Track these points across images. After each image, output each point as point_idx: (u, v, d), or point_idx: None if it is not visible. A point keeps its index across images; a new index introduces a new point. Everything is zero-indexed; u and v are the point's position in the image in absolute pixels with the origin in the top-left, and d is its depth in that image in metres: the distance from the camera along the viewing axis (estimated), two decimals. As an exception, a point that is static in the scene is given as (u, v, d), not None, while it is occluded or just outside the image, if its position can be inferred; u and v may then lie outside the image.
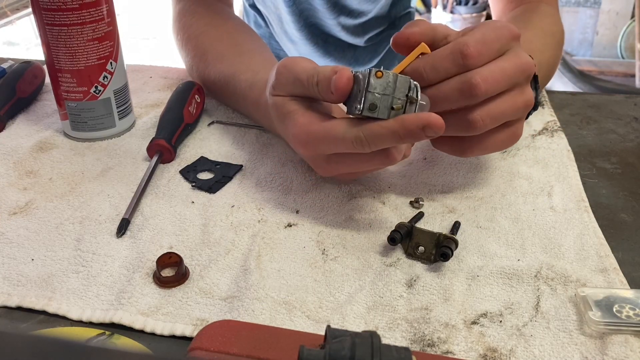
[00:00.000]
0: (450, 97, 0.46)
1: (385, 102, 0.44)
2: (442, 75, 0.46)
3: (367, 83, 0.43)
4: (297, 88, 0.48)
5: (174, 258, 0.45)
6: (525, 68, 0.47)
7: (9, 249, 0.48)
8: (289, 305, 0.42)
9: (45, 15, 0.58)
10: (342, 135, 0.44)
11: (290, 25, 0.99)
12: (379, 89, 0.43)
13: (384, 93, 0.44)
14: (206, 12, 0.75)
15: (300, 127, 0.47)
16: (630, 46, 3.32)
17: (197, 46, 0.72)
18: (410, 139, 0.43)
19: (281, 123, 0.50)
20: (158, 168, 0.59)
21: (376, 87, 0.43)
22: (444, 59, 0.46)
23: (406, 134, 0.42)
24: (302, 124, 0.47)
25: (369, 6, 0.97)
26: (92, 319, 0.41)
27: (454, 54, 0.45)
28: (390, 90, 0.44)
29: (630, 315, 0.40)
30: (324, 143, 0.46)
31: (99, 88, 0.62)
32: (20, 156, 0.61)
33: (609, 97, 0.76)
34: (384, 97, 0.44)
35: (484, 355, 0.38)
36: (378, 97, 0.44)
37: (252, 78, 0.62)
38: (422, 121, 0.42)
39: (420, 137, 0.42)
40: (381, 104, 0.44)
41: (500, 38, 0.47)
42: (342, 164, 0.48)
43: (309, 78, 0.46)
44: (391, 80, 0.43)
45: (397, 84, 0.44)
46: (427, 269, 0.46)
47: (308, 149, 0.48)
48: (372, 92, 0.43)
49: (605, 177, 0.58)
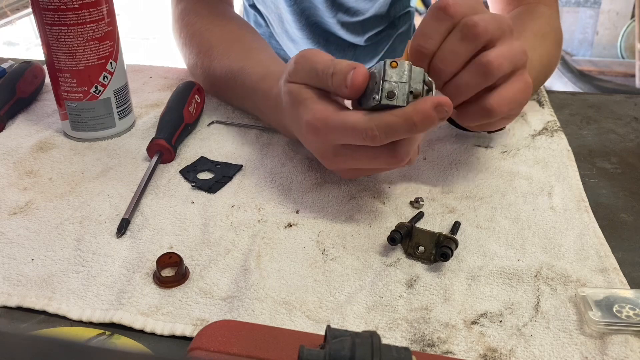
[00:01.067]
0: (471, 82, 0.47)
1: (402, 89, 0.44)
2: (436, 38, 0.47)
3: (383, 72, 0.44)
4: (312, 78, 0.48)
5: (174, 258, 0.45)
6: (522, 51, 0.49)
7: (9, 249, 0.48)
8: (289, 305, 0.42)
9: (45, 15, 0.58)
10: (355, 125, 0.45)
11: (291, 24, 0.99)
12: (395, 77, 0.44)
13: (401, 81, 0.44)
14: (208, 11, 0.75)
15: (314, 114, 0.47)
16: (630, 46, 3.32)
17: (201, 43, 0.72)
18: (423, 123, 0.43)
19: (294, 110, 0.50)
20: (158, 168, 0.59)
21: (392, 76, 0.44)
22: (428, 23, 0.47)
23: (420, 118, 0.43)
24: (317, 110, 0.47)
25: (366, 5, 0.97)
26: (92, 319, 0.41)
27: (433, 14, 0.47)
28: (406, 78, 0.44)
29: (630, 315, 0.40)
30: (336, 132, 0.46)
31: (99, 88, 0.62)
32: (20, 156, 0.61)
33: (609, 97, 0.76)
34: (400, 85, 0.44)
35: (484, 355, 0.38)
36: (395, 85, 0.44)
37: (264, 71, 0.62)
38: (433, 101, 0.43)
39: (433, 119, 0.43)
40: (399, 92, 0.44)
41: (501, 24, 0.48)
42: (350, 158, 0.48)
43: (325, 69, 0.47)
44: (406, 68, 0.44)
45: (413, 73, 0.44)
46: (427, 269, 0.46)
47: (319, 136, 0.48)
48: (389, 80, 0.44)
49: (605, 177, 0.58)
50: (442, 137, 0.64)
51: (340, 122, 0.46)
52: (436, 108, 0.43)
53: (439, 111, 0.43)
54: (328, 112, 0.47)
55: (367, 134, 0.44)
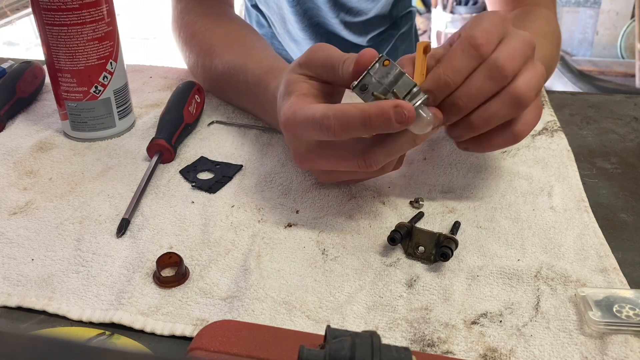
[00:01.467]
0: (484, 88, 0.46)
1: (376, 88, 0.44)
2: (464, 74, 0.46)
3: (372, 65, 0.44)
4: (324, 67, 0.48)
5: (174, 258, 0.45)
6: (528, 41, 0.48)
7: (9, 249, 0.48)
8: (289, 305, 0.42)
9: (45, 15, 0.58)
10: (314, 114, 0.44)
11: (294, 25, 0.99)
12: (378, 74, 0.44)
13: (379, 81, 0.44)
14: (209, 11, 0.75)
15: (289, 106, 0.47)
16: (630, 46, 3.32)
17: (202, 41, 0.72)
18: (378, 119, 0.42)
19: (282, 101, 0.49)
20: (158, 168, 0.59)
21: (377, 73, 0.44)
22: (460, 58, 0.46)
23: (376, 112, 0.42)
24: (292, 102, 0.47)
25: (368, 5, 0.97)
26: (92, 319, 0.41)
27: (465, 50, 0.46)
28: (387, 81, 0.44)
29: (630, 315, 0.40)
30: (301, 124, 0.45)
31: (99, 88, 0.62)
32: (20, 156, 0.61)
33: (609, 97, 0.76)
34: (377, 84, 0.44)
35: (484, 355, 0.38)
36: (373, 82, 0.44)
37: (268, 65, 0.62)
38: (394, 101, 0.42)
39: (389, 118, 0.42)
40: (371, 89, 0.44)
41: (496, 24, 0.47)
42: (320, 157, 0.48)
43: (340, 57, 0.47)
44: (393, 73, 0.44)
45: (399, 81, 0.44)
46: (427, 269, 0.46)
47: (288, 130, 0.47)
48: (372, 74, 0.44)
49: (605, 177, 0.58)
50: (442, 137, 0.64)
51: (303, 113, 0.45)
52: (395, 108, 0.42)
53: (397, 112, 0.42)
54: (301, 104, 0.46)
55: (323, 122, 0.43)
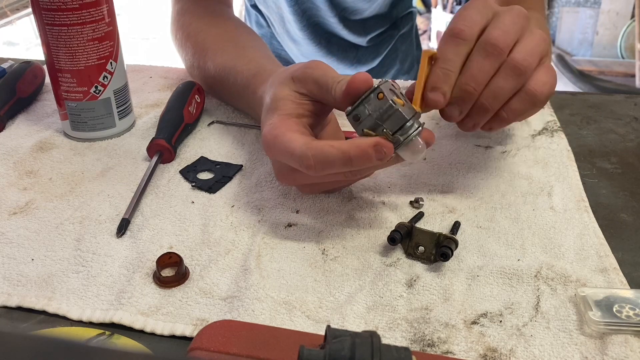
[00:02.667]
0: (505, 86, 0.48)
1: (367, 123, 0.43)
2: (487, 79, 0.48)
3: (366, 95, 0.43)
4: (317, 84, 0.48)
5: (174, 258, 0.45)
6: (544, 38, 0.50)
7: (9, 249, 0.48)
8: (289, 305, 0.42)
9: (45, 15, 0.58)
10: (293, 150, 0.44)
11: (293, 24, 0.99)
12: (372, 107, 0.43)
13: (371, 114, 0.43)
14: (205, 11, 0.75)
15: (271, 127, 0.47)
16: (630, 46, 3.32)
17: (197, 43, 0.72)
18: (359, 159, 0.43)
19: (265, 116, 0.50)
20: (158, 168, 0.59)
21: (370, 104, 0.43)
22: (481, 65, 0.48)
23: (356, 153, 0.42)
24: (275, 125, 0.47)
25: (364, 4, 0.97)
26: (92, 319, 0.41)
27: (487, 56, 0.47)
28: (378, 115, 0.43)
29: (630, 315, 0.40)
30: (279, 152, 0.46)
31: (99, 88, 0.62)
32: (20, 156, 0.61)
33: (609, 97, 0.76)
34: (369, 118, 0.43)
35: (484, 355, 0.38)
36: (366, 114, 0.43)
37: (256, 68, 0.62)
38: (373, 140, 0.42)
39: (369, 157, 0.42)
40: (364, 120, 0.43)
41: (515, 22, 0.49)
42: (300, 175, 0.48)
43: (335, 77, 0.47)
44: (385, 109, 0.43)
45: (391, 116, 0.43)
46: (427, 269, 0.46)
47: (267, 151, 0.48)
48: (365, 106, 0.43)
49: (605, 177, 0.58)
50: (442, 137, 0.64)
51: (283, 143, 0.45)
52: (375, 147, 0.42)
53: (377, 150, 0.42)
54: (282, 129, 0.46)
55: (302, 162, 0.44)
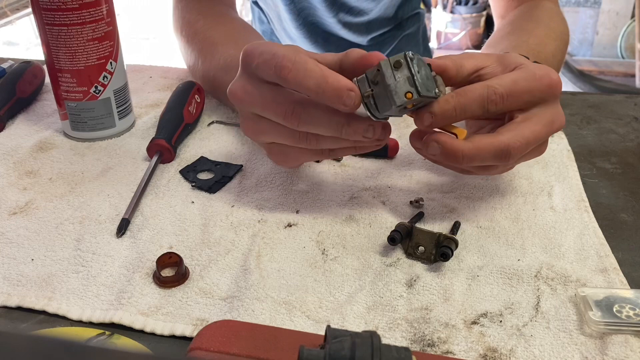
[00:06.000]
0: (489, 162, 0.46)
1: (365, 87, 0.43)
2: (468, 117, 0.46)
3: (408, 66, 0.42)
4: None
5: (174, 258, 0.45)
6: (560, 122, 0.48)
7: (9, 249, 0.48)
8: (289, 305, 0.42)
9: (45, 15, 0.58)
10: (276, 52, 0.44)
11: (289, 23, 0.99)
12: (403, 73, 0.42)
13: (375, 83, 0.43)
14: (210, 11, 0.75)
15: (251, 44, 0.47)
16: (630, 46, 3.32)
17: (205, 39, 0.71)
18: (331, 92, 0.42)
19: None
20: (158, 168, 0.59)
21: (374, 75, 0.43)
22: (486, 158, 0.45)
23: (333, 83, 0.42)
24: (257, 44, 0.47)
25: (369, 4, 0.97)
26: (92, 319, 0.41)
27: (496, 157, 0.45)
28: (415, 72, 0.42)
29: (630, 315, 0.40)
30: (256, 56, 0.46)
31: (99, 88, 0.62)
32: (20, 156, 0.61)
33: (609, 97, 0.76)
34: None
35: (484, 355, 0.38)
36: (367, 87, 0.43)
37: None
38: (352, 84, 0.43)
39: (340, 95, 0.42)
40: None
41: (533, 91, 0.46)
42: (267, 125, 0.48)
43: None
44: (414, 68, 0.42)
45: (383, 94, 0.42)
46: (427, 269, 0.46)
47: (243, 62, 0.48)
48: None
49: (605, 177, 0.58)
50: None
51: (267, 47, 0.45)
52: (349, 90, 0.42)
53: (348, 96, 0.42)
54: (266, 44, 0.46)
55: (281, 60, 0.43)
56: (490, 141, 0.45)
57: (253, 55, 0.46)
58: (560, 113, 0.49)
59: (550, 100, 0.47)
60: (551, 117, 0.47)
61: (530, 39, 0.64)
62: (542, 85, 0.46)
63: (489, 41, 0.70)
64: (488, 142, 0.45)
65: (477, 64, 0.48)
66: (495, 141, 0.45)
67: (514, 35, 0.67)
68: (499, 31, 0.71)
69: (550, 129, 0.47)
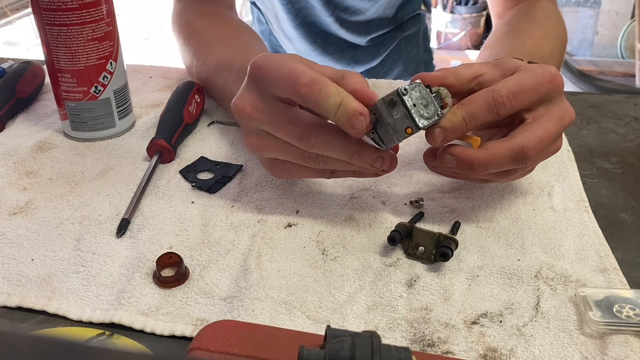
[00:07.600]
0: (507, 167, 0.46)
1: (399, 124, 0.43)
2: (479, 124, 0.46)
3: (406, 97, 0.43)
4: None
5: (174, 258, 0.45)
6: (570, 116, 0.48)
7: (9, 249, 0.48)
8: (289, 305, 0.42)
9: (45, 15, 0.58)
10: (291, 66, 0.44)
11: (287, 23, 0.99)
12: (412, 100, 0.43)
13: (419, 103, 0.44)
14: (208, 11, 0.75)
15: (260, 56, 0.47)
16: (630, 46, 3.33)
17: (200, 40, 0.71)
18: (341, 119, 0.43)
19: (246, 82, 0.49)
20: (158, 168, 0.59)
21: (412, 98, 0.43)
22: (503, 163, 0.46)
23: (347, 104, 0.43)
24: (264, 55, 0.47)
25: (365, 4, 0.97)
26: (92, 319, 0.41)
27: (513, 160, 0.45)
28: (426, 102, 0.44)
29: (630, 315, 0.40)
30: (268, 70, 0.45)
31: (99, 88, 0.62)
32: (20, 156, 0.61)
33: (609, 97, 0.76)
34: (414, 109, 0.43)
35: (484, 355, 0.38)
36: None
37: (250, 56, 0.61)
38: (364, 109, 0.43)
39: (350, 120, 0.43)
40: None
41: (538, 87, 0.47)
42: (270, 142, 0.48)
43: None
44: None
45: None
46: (427, 269, 0.46)
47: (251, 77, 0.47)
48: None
49: (605, 177, 0.58)
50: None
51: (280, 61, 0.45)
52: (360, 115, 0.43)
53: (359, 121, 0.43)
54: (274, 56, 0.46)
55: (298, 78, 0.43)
56: (505, 145, 0.45)
57: (266, 69, 0.46)
58: (569, 107, 0.49)
59: (555, 96, 0.48)
60: (560, 113, 0.48)
61: (528, 40, 0.64)
62: (545, 81, 0.47)
63: (487, 43, 0.70)
64: (502, 146, 0.45)
65: (474, 71, 0.48)
66: (510, 144, 0.45)
67: (510, 36, 0.67)
68: (496, 32, 0.71)
69: (561, 124, 0.48)
